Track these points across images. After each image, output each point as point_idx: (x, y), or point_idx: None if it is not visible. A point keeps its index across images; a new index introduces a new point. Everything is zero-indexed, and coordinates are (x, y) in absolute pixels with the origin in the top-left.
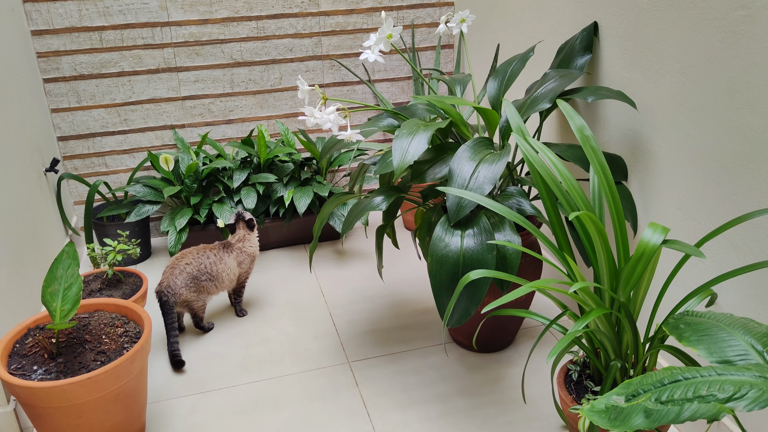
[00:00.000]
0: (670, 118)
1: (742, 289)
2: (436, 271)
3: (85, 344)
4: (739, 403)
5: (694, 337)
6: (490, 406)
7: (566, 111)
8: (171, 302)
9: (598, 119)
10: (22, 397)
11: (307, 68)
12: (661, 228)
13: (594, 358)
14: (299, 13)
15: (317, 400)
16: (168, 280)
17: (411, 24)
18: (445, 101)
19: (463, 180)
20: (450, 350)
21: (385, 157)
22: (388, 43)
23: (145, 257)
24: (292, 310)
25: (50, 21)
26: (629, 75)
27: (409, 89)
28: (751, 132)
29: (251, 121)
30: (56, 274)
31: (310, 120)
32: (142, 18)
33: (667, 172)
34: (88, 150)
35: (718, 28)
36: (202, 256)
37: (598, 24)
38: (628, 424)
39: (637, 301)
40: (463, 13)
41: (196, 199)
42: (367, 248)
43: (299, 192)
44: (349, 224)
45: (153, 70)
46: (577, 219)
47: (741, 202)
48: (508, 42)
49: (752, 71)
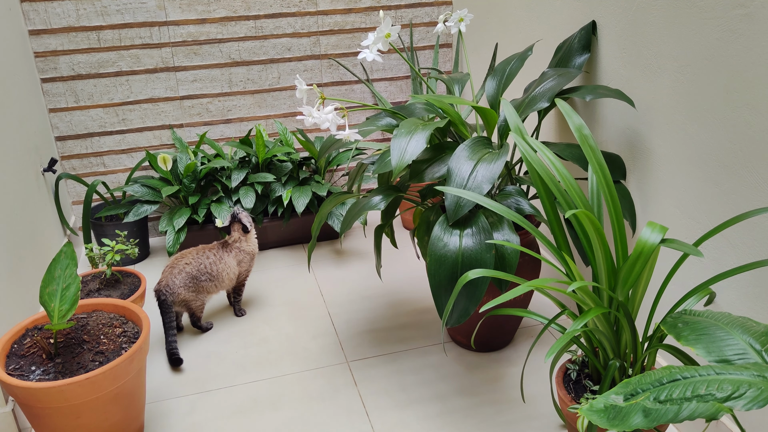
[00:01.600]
0: (669, 117)
1: (740, 288)
2: (434, 270)
3: (83, 344)
4: (737, 402)
5: (693, 336)
6: (488, 405)
7: (565, 110)
8: (169, 301)
9: (597, 118)
10: (21, 398)
11: (305, 67)
12: (660, 227)
13: (593, 358)
14: (297, 13)
15: (316, 400)
16: (167, 279)
17: (409, 23)
18: (443, 100)
19: (461, 179)
20: (449, 350)
21: (383, 157)
22: (386, 42)
23: (144, 257)
24: (290, 310)
25: (48, 21)
26: (627, 74)
27: (408, 88)
28: (749, 131)
29: (249, 120)
30: (54, 274)
31: (309, 119)
32: (140, 17)
33: (665, 171)
34: (86, 150)
35: (716, 26)
36: (202, 256)
37: (596, 23)
38: (626, 423)
39: (636, 300)
40: (461, 12)
41: (194, 198)
42: (366, 248)
43: (298, 191)
44: (347, 224)
45: (151, 70)
46: (575, 218)
47: (739, 201)
48: (507, 41)
49: (750, 70)
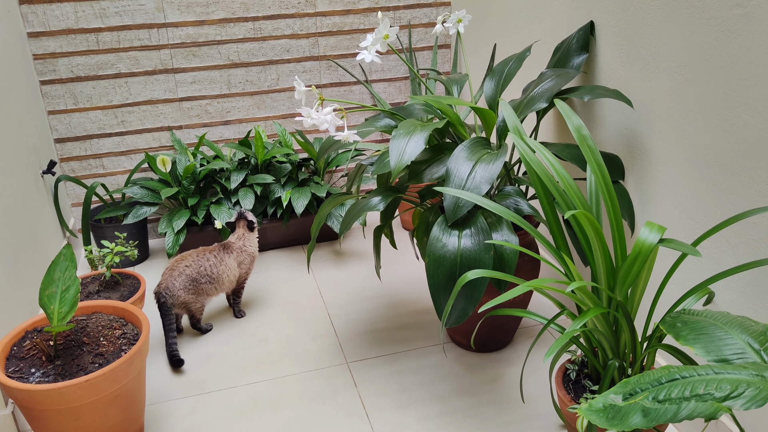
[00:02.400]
0: (667, 117)
1: (739, 287)
2: (433, 271)
3: (83, 346)
4: (736, 401)
5: (692, 336)
6: (488, 405)
7: (563, 110)
8: (169, 303)
9: (595, 118)
10: (20, 400)
11: (304, 69)
12: (658, 227)
13: (592, 358)
14: (296, 14)
15: (316, 401)
16: (167, 281)
17: (408, 24)
18: (442, 101)
19: (460, 180)
20: (448, 350)
21: (382, 158)
22: (384, 43)
23: (143, 259)
24: (290, 311)
25: (47, 23)
26: (626, 74)
27: (406, 89)
28: (747, 130)
29: (248, 122)
30: (54, 276)
31: (308, 121)
32: (139, 19)
33: (663, 171)
34: (85, 152)
35: (714, 26)
36: (202, 258)
37: (594, 23)
38: (625, 423)
39: (635, 300)
40: (459, 13)
41: (193, 200)
42: (365, 248)
43: (297, 193)
44: (346, 225)
45: (150, 72)
46: (574, 218)
47: (737, 201)
48: (505, 42)
49: (748, 70)
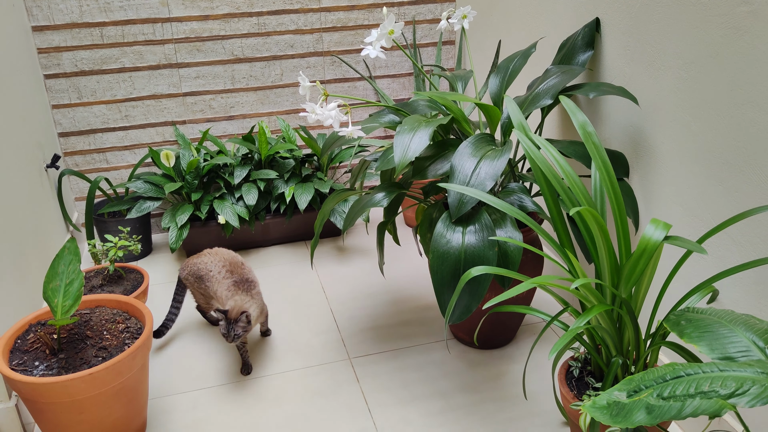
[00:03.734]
0: (672, 115)
1: (743, 285)
2: (437, 267)
3: (86, 340)
4: (741, 399)
5: (696, 334)
6: (491, 402)
7: (568, 107)
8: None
9: (600, 115)
10: (24, 393)
11: (308, 64)
12: (663, 224)
13: (595, 355)
14: (300, 9)
15: (318, 396)
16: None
17: (412, 20)
18: (446, 97)
19: (464, 176)
20: (451, 347)
21: (386, 154)
22: (389, 39)
23: (146, 253)
24: (293, 307)
25: (51, 17)
26: (631, 71)
27: (411, 85)
28: (753, 128)
29: (252, 117)
30: (57, 270)
31: (311, 116)
32: (143, 14)
33: (668, 169)
34: (89, 146)
35: (721, 24)
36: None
37: (599, 20)
38: (629, 420)
39: (639, 298)
40: (464, 9)
41: (197, 195)
42: (368, 245)
43: (300, 188)
44: (350, 221)
45: (154, 66)
46: (579, 215)
47: (743, 199)
48: (510, 38)
49: (755, 67)
